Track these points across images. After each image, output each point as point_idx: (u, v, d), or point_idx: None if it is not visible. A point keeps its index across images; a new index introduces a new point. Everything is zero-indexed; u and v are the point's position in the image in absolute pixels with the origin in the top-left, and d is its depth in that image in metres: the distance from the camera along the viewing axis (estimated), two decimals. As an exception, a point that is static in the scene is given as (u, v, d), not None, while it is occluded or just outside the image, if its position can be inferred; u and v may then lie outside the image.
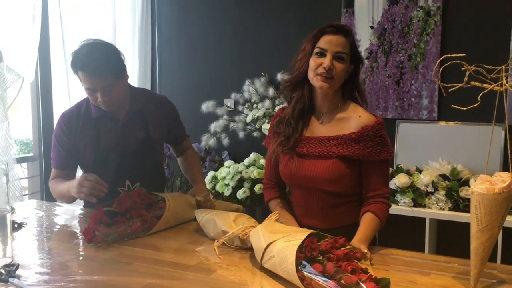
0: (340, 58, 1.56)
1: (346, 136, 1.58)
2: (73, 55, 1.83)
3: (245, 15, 3.54)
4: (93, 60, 1.77)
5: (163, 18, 3.84)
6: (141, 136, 1.98)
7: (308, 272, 1.20)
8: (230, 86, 3.51)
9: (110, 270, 1.37)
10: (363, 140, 1.56)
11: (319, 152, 1.60)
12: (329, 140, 1.60)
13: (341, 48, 1.56)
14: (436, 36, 2.92)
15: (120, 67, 1.88)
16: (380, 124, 1.58)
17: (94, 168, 1.92)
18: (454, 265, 1.40)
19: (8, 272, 1.29)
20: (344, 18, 3.16)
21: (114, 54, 1.87)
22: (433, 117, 2.99)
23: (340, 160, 1.57)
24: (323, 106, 1.65)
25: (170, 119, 2.10)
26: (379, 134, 1.57)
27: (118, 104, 1.91)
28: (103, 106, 1.86)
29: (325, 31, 1.58)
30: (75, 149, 1.96)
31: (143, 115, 1.99)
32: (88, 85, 1.81)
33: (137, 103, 1.99)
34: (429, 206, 2.71)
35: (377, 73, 3.10)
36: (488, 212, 1.19)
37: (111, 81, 1.81)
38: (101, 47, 1.85)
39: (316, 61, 1.57)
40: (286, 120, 1.66)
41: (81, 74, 1.81)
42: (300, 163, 1.62)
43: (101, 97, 1.82)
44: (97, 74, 1.78)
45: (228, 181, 2.97)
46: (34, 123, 2.98)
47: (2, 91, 2.52)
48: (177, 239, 1.68)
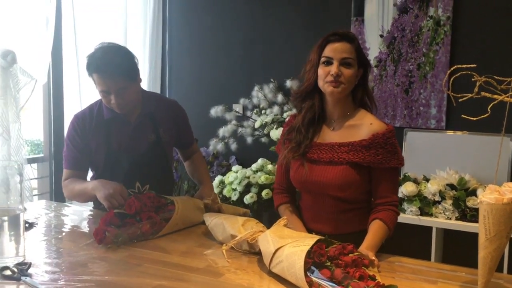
0: (347, 64, 1.59)
1: (356, 143, 1.59)
2: (88, 58, 1.87)
3: (255, 22, 3.57)
4: (108, 63, 1.81)
5: (173, 23, 3.88)
6: (151, 139, 2.01)
7: (316, 278, 1.22)
8: (239, 92, 3.53)
9: (120, 270, 1.39)
10: (373, 147, 1.57)
11: (329, 158, 1.62)
12: (339, 147, 1.61)
13: (347, 54, 1.59)
14: (446, 45, 2.93)
15: (134, 70, 1.91)
16: (391, 132, 1.59)
17: (105, 170, 1.94)
18: (461, 274, 1.41)
19: (20, 271, 1.31)
20: (354, 27, 3.18)
21: (128, 57, 1.91)
22: (441, 126, 2.99)
23: (350, 167, 1.59)
24: (334, 113, 1.67)
25: (180, 123, 2.13)
26: (390, 142, 1.58)
27: (131, 106, 1.94)
28: (117, 108, 1.89)
29: (329, 39, 1.61)
30: (87, 150, 1.99)
31: (154, 118, 2.02)
32: (102, 87, 1.85)
33: (148, 106, 2.01)
34: (436, 215, 2.71)
35: (386, 81, 3.11)
36: (496, 222, 1.20)
37: (125, 84, 1.85)
38: (115, 50, 1.89)
39: (324, 70, 1.60)
40: (297, 128, 1.68)
41: (96, 77, 1.84)
42: (311, 168, 1.64)
43: (114, 99, 1.85)
44: (111, 77, 1.82)
45: (236, 186, 2.98)
46: (45, 125, 3.01)
47: (15, 92, 2.56)
48: (185, 242, 1.70)
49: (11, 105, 2.54)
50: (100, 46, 1.89)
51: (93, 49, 1.89)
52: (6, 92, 2.52)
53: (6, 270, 1.32)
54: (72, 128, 2.00)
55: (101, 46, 1.89)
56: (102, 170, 1.96)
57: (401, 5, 3.04)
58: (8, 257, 1.36)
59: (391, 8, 3.07)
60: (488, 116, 1.27)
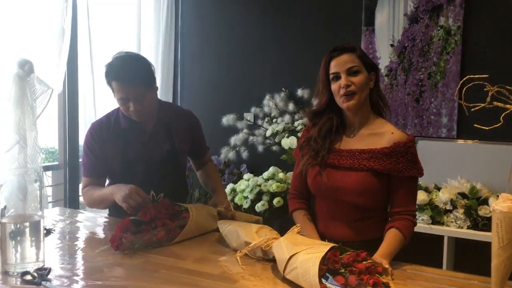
0: (354, 72, 1.62)
1: (378, 150, 1.61)
2: (107, 67, 1.91)
3: (266, 31, 3.61)
4: (126, 70, 1.86)
5: (186, 32, 3.93)
6: (166, 148, 2.04)
7: (330, 284, 1.23)
8: (250, 100, 3.57)
9: (138, 276, 1.42)
10: (394, 155, 1.60)
11: (350, 164, 1.64)
12: (360, 153, 1.64)
13: (351, 63, 1.62)
14: (456, 55, 2.95)
15: (151, 78, 1.96)
16: (412, 141, 1.62)
17: (121, 178, 1.97)
18: (474, 282, 1.42)
19: (40, 276, 1.34)
20: (364, 36, 3.21)
21: (146, 65, 1.96)
22: (452, 135, 3.00)
23: (371, 173, 1.61)
24: (355, 122, 1.70)
25: (195, 133, 2.16)
26: (411, 151, 1.60)
27: (149, 114, 1.98)
28: (135, 115, 1.93)
29: (331, 56, 1.65)
30: (105, 157, 2.02)
31: (169, 127, 2.05)
32: (121, 95, 1.89)
33: (164, 115, 2.05)
34: (447, 224, 2.71)
35: (397, 90, 3.13)
36: (509, 230, 1.21)
37: (143, 91, 1.89)
38: (133, 59, 1.95)
39: (335, 85, 1.64)
40: (313, 139, 1.71)
41: (115, 84, 1.89)
42: (331, 174, 1.66)
43: (133, 106, 1.89)
44: (130, 84, 1.86)
45: (247, 194, 3.01)
46: (60, 133, 3.06)
47: (32, 101, 2.60)
48: (200, 248, 1.72)
49: (28, 114, 2.57)
50: (118, 55, 1.94)
51: (111, 58, 1.93)
52: (23, 101, 2.55)
53: (26, 275, 1.35)
54: (90, 136, 2.04)
55: (119, 55, 1.94)
56: (118, 178, 1.99)
57: (411, 15, 3.06)
58: (28, 262, 1.39)
59: (401, 18, 3.10)
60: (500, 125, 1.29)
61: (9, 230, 1.38)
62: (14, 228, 1.39)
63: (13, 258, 1.39)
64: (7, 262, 1.39)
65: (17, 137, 2.57)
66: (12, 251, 1.39)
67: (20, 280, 1.34)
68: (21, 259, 1.39)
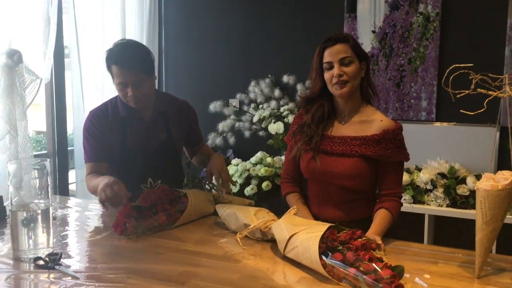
0: (347, 63, 1.70)
1: (368, 137, 1.71)
2: (108, 52, 1.95)
3: (251, 18, 3.66)
4: (126, 55, 1.91)
5: (170, 20, 3.95)
6: (163, 137, 2.09)
7: (330, 260, 1.33)
8: (236, 87, 3.63)
9: (145, 259, 1.49)
10: (383, 142, 1.70)
11: (342, 151, 1.74)
12: (352, 140, 1.73)
13: (344, 54, 1.70)
14: (435, 41, 3.07)
15: (151, 65, 2.01)
16: (399, 129, 1.72)
17: (120, 165, 2.02)
18: (458, 255, 1.54)
19: (53, 260, 1.40)
20: (347, 23, 3.29)
21: (146, 53, 2.01)
22: (432, 118, 3.13)
23: (362, 159, 1.71)
24: (345, 109, 1.79)
25: (191, 122, 2.22)
26: (399, 138, 1.71)
27: (146, 101, 2.01)
28: (132, 101, 1.96)
29: (325, 46, 1.72)
30: (106, 142, 2.05)
31: (166, 117, 2.10)
32: (120, 79, 1.92)
33: (161, 104, 2.10)
34: (428, 203, 2.85)
35: (378, 75, 3.24)
36: (492, 206, 1.33)
37: (142, 76, 1.93)
38: (134, 46, 2.00)
39: (328, 74, 1.72)
40: (307, 125, 1.79)
41: (115, 69, 1.92)
42: (324, 159, 1.76)
43: (131, 92, 1.92)
44: (129, 69, 1.90)
45: (237, 178, 3.09)
46: (48, 122, 3.07)
47: (21, 90, 2.62)
48: (198, 231, 1.80)
49: (18, 103, 2.61)
50: (120, 41, 1.99)
51: (112, 45, 1.97)
52: (12, 91, 2.58)
53: (39, 260, 1.41)
54: (90, 122, 2.07)
55: (120, 42, 1.99)
56: (117, 165, 2.04)
57: (392, 2, 3.16)
58: (40, 248, 1.45)
59: (382, 5, 3.19)
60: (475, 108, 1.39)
61: (21, 218, 1.43)
62: (27, 215, 1.44)
63: (25, 244, 1.44)
64: (19, 248, 1.44)
65: (7, 127, 2.60)
66: (25, 238, 1.44)
67: (34, 265, 1.40)
68: (34, 245, 1.45)
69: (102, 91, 3.18)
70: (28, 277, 1.35)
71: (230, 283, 1.30)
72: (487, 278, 1.36)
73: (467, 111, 1.48)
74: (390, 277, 1.24)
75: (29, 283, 1.33)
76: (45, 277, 1.34)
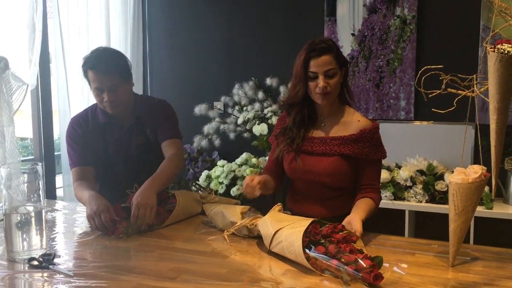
0: (331, 75, 1.76)
1: (347, 137, 1.79)
2: (84, 58, 2.00)
3: (233, 22, 3.73)
4: (102, 60, 1.95)
5: (153, 25, 3.99)
6: (140, 141, 2.10)
7: (313, 253, 1.41)
8: (220, 90, 3.69)
9: (137, 257, 1.55)
10: (361, 141, 1.78)
11: (322, 150, 1.82)
12: (331, 140, 1.81)
13: (329, 66, 1.75)
14: (412, 42, 3.17)
15: (127, 70, 2.04)
16: (376, 128, 1.81)
17: (102, 171, 2.07)
18: (434, 246, 1.62)
19: (46, 260, 1.45)
20: (327, 26, 3.38)
21: (122, 58, 2.05)
22: (410, 117, 3.24)
23: (341, 158, 1.79)
24: (324, 112, 1.86)
25: (163, 118, 2.11)
26: (375, 137, 1.80)
27: (123, 107, 2.03)
28: (108, 106, 1.99)
29: (310, 56, 1.75)
30: (89, 146, 2.07)
31: (143, 121, 2.11)
32: (96, 84, 1.96)
33: (139, 109, 2.10)
34: (408, 199, 2.95)
35: (358, 77, 3.33)
36: (463, 198, 1.41)
37: (117, 81, 1.96)
38: (110, 51, 2.05)
39: (313, 84, 1.77)
40: (289, 128, 1.87)
41: (91, 74, 1.96)
42: (305, 159, 1.83)
43: (107, 97, 1.95)
44: (105, 73, 1.93)
45: (222, 179, 3.15)
46: (34, 127, 3.10)
47: (8, 97, 2.65)
48: (187, 230, 1.86)
49: (4, 109, 2.64)
50: (97, 49, 2.04)
51: (89, 53, 2.02)
52: (-1, 97, 2.61)
53: (33, 260, 1.45)
54: (72, 128, 2.10)
55: (97, 49, 2.04)
56: (101, 171, 2.08)
57: (370, 6, 3.26)
58: (34, 249, 1.50)
59: (361, 8, 3.29)
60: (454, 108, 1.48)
61: (15, 221, 1.48)
62: (21, 219, 1.48)
63: (19, 246, 1.49)
64: (13, 250, 1.49)
65: (-5, 133, 2.62)
66: (19, 239, 1.49)
67: (28, 266, 1.45)
68: (28, 247, 1.49)
69: (87, 96, 3.22)
70: (23, 277, 1.39)
71: (219, 277, 1.37)
72: (461, 266, 1.45)
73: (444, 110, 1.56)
74: (369, 266, 1.32)
75: (23, 282, 1.37)
76: (39, 276, 1.39)
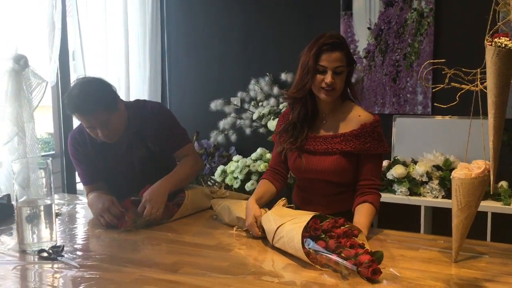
0: (339, 72, 1.75)
1: (348, 134, 1.79)
2: (66, 97, 1.91)
3: (249, 19, 3.75)
4: (85, 100, 1.85)
5: (171, 22, 4.04)
6: (142, 154, 2.06)
7: (312, 248, 1.41)
8: (237, 85, 3.71)
9: (143, 249, 1.59)
10: (362, 136, 1.77)
11: (324, 149, 1.81)
12: (332, 138, 1.81)
13: (339, 63, 1.74)
14: (429, 36, 3.12)
15: (113, 100, 1.94)
16: (377, 122, 1.79)
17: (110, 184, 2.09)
18: (440, 242, 1.61)
19: (55, 252, 1.51)
20: (342, 20, 3.36)
21: (104, 89, 1.93)
22: (428, 112, 3.19)
23: (343, 155, 1.79)
24: (326, 109, 1.85)
25: (164, 128, 2.08)
26: (377, 131, 1.78)
27: (120, 133, 2.00)
28: (105, 139, 1.95)
29: (322, 49, 1.74)
30: (92, 164, 2.07)
31: (141, 134, 2.05)
32: (86, 124, 1.92)
33: (133, 124, 2.04)
34: (424, 195, 2.91)
35: (375, 71, 3.30)
36: (466, 194, 1.40)
37: (106, 116, 1.90)
38: (91, 86, 1.92)
39: (319, 78, 1.75)
40: (293, 124, 1.87)
41: (78, 116, 1.92)
42: (308, 158, 1.84)
43: (101, 132, 1.91)
44: (92, 113, 1.87)
45: (237, 174, 3.18)
46: (55, 123, 3.19)
47: (28, 94, 2.73)
48: (195, 224, 1.90)
49: (25, 106, 2.72)
50: (76, 82, 1.94)
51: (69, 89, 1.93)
52: (20, 94, 2.70)
53: (43, 252, 1.51)
54: (71, 146, 2.08)
55: (76, 83, 1.94)
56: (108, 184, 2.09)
57: (386, -1, 3.22)
58: (44, 242, 1.55)
59: (377, 2, 3.25)
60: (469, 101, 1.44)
61: (25, 214, 1.54)
62: (30, 212, 1.54)
63: (29, 238, 1.55)
64: (23, 242, 1.55)
65: (16, 129, 2.72)
66: (29, 232, 1.55)
67: (38, 257, 1.50)
68: (38, 239, 1.55)
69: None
70: (33, 267, 1.45)
71: (220, 270, 1.39)
72: (464, 262, 1.44)
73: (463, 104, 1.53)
74: (368, 261, 1.32)
75: (33, 273, 1.43)
76: (48, 267, 1.44)
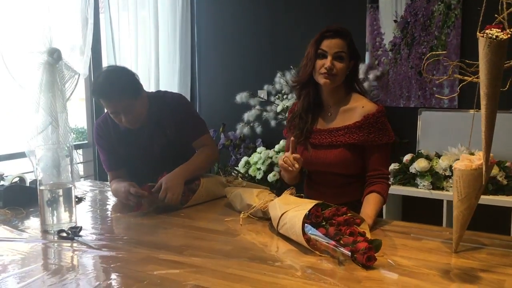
0: (340, 58, 1.79)
1: (351, 125, 1.81)
2: (93, 84, 2.06)
3: (276, 13, 3.79)
4: (110, 86, 1.96)
5: (201, 16, 4.14)
6: (162, 143, 2.14)
7: (312, 234, 1.46)
8: (263, 78, 3.77)
9: (154, 233, 1.68)
10: (366, 127, 1.79)
11: (329, 142, 1.85)
12: (337, 131, 1.84)
13: (340, 48, 1.78)
14: (457, 28, 3.07)
15: (136, 87, 2.04)
16: (380, 111, 1.80)
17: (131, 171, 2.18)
18: (445, 233, 1.61)
19: (73, 233, 1.61)
20: (369, 13, 3.35)
21: (128, 76, 2.04)
22: (454, 105, 3.14)
23: (348, 147, 1.82)
24: (330, 101, 1.88)
25: (183, 118, 2.15)
26: (380, 121, 1.79)
27: (142, 120, 2.08)
28: (128, 125, 2.05)
29: (324, 35, 1.81)
30: (115, 150, 2.17)
31: (162, 124, 2.13)
32: (111, 109, 2.02)
33: (154, 114, 2.12)
34: (446, 189, 2.88)
35: (400, 64, 3.28)
36: (466, 185, 1.40)
37: (130, 102, 1.99)
38: (115, 73, 2.04)
39: (319, 63, 1.80)
40: (299, 115, 1.91)
41: (102, 101, 2.02)
42: (314, 152, 1.89)
43: (124, 118, 2.00)
44: (116, 99, 1.97)
45: (260, 165, 3.24)
46: (88, 114, 3.34)
47: (61, 86, 2.88)
48: (209, 211, 1.97)
49: (58, 97, 2.88)
50: (102, 72, 2.07)
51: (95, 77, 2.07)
52: (53, 86, 2.85)
53: (62, 232, 1.62)
54: (97, 134, 2.19)
55: (102, 72, 2.06)
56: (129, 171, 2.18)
57: (413, -9, 3.19)
58: (63, 223, 1.67)
59: (404, -6, 3.23)
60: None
61: (46, 198, 1.65)
62: (50, 195, 1.66)
63: (50, 219, 1.67)
64: (45, 222, 1.67)
65: (49, 119, 2.88)
66: (49, 214, 1.66)
67: (57, 236, 1.62)
68: (57, 220, 1.67)
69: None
70: (53, 246, 1.56)
71: (221, 253, 1.45)
72: (465, 252, 1.44)
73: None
74: (364, 248, 1.35)
75: (53, 251, 1.54)
76: (67, 245, 1.55)
